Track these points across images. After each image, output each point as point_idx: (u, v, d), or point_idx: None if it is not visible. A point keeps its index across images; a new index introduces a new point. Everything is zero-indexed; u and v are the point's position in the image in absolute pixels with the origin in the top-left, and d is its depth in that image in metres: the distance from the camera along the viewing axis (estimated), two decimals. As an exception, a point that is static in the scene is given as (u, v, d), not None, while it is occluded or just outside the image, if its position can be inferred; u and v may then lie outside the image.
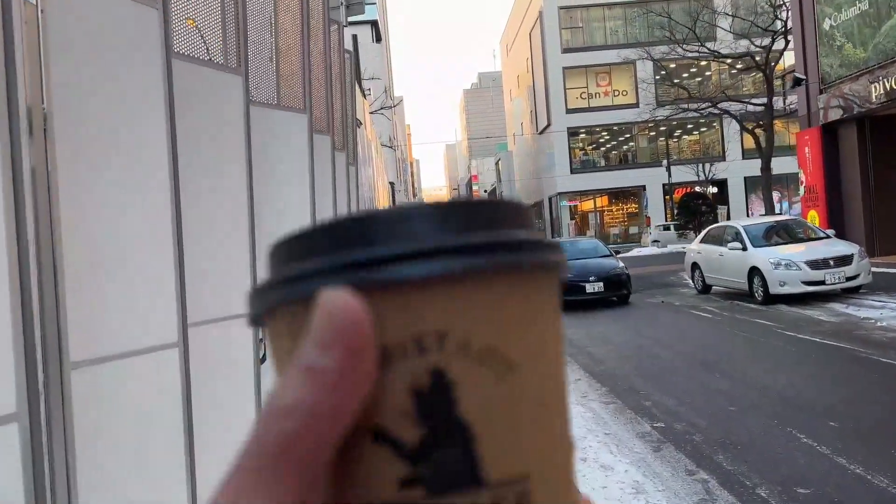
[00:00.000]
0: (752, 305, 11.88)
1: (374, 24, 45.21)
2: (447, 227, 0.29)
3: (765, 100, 28.70)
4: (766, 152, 29.30)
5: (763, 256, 12.15)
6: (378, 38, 50.45)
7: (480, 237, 0.29)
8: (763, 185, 30.02)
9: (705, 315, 11.38)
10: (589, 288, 13.10)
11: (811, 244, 12.32)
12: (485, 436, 0.28)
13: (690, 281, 14.75)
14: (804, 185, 18.46)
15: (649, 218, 41.68)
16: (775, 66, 28.88)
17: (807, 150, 17.93)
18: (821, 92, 17.52)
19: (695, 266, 14.06)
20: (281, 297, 0.29)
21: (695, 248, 14.18)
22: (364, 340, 0.27)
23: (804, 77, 17.55)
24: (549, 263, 0.31)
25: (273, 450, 0.26)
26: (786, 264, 11.79)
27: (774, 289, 11.72)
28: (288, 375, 0.27)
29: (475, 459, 0.28)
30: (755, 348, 8.55)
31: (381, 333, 0.28)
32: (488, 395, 0.28)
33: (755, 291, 12.04)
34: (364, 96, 22.21)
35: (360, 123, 8.88)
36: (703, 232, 14.13)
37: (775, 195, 45.23)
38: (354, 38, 23.78)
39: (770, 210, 30.27)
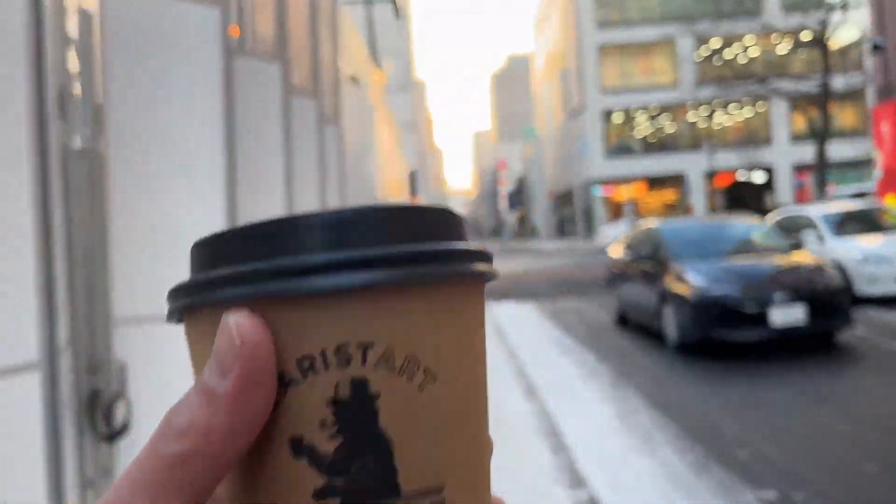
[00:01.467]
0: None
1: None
2: (371, 236, 0.29)
3: (820, 78, 26.25)
4: (820, 136, 26.81)
5: (847, 250, 10.04)
6: (398, 15, 48.40)
7: (404, 247, 0.28)
8: (817, 171, 27.50)
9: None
10: (777, 317, 7.01)
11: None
12: (403, 447, 0.28)
13: None
14: (880, 166, 16.13)
15: (692, 206, 39.15)
16: (831, 39, 26.31)
17: (884, 126, 15.57)
18: (904, 59, 15.15)
19: None
20: (194, 301, 0.30)
21: None
22: (263, 364, 0.27)
23: (884, 42, 15.17)
24: (473, 273, 0.31)
25: (163, 468, 0.27)
26: (875, 259, 9.78)
27: (862, 289, 9.64)
28: (187, 394, 0.28)
29: (393, 471, 0.28)
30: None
31: (300, 344, 0.28)
32: (409, 406, 0.29)
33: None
34: (378, 66, 20.28)
35: (357, 81, 6.75)
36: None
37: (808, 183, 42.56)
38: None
39: (823, 197, 27.72)
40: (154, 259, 2.11)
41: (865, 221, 10.98)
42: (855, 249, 10.09)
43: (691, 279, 7.43)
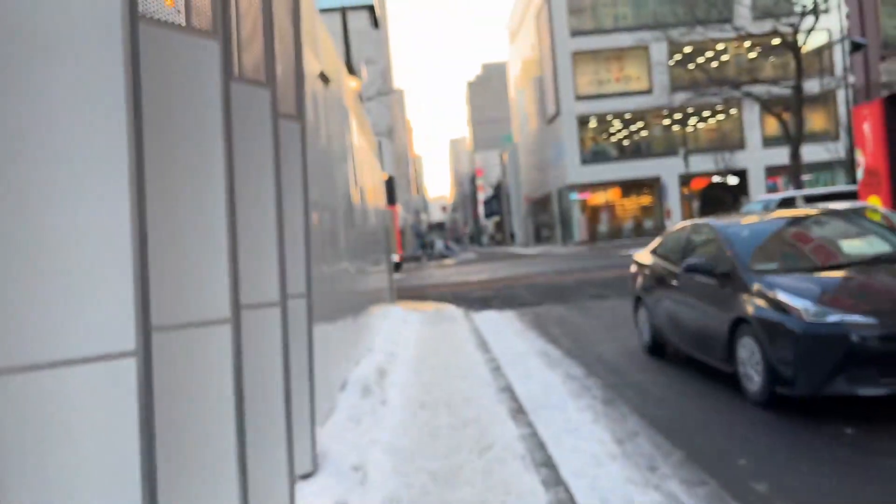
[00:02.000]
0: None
1: (370, 8, 42.88)
2: None
3: (792, 82, 26.43)
4: (794, 138, 26.98)
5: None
6: (376, 25, 48.13)
7: None
8: (792, 174, 27.64)
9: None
10: None
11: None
12: None
13: None
14: (862, 166, 16.04)
15: (670, 210, 39.20)
16: (804, 44, 26.50)
17: (866, 126, 15.49)
18: (882, 59, 15.08)
19: None
20: None
21: None
22: None
23: (865, 41, 15.10)
24: None
25: None
26: None
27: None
28: None
29: None
30: None
31: None
32: None
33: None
34: (354, 73, 19.83)
35: (328, 80, 6.28)
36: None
37: (780, 184, 43.08)
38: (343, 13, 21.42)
39: (801, 200, 27.85)
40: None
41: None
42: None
43: (790, 300, 4.85)
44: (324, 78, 6.36)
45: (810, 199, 15.11)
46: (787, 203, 14.87)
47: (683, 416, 5.09)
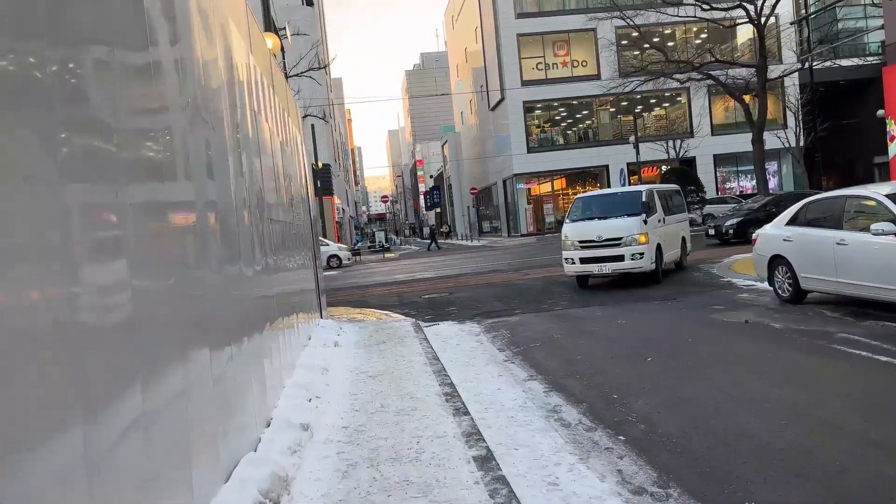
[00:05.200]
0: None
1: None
2: None
3: (759, 60, 24.94)
4: (758, 122, 25.57)
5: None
6: (309, 2, 44.90)
7: None
8: (755, 158, 26.25)
9: (861, 353, 6.10)
10: None
11: None
12: None
13: (766, 282, 9.69)
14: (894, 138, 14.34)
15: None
16: (767, 20, 25.06)
17: (898, 89, 13.73)
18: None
19: (777, 261, 9.08)
20: None
21: (778, 232, 9.17)
22: None
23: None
24: None
25: None
26: None
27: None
28: None
29: None
30: None
31: None
32: None
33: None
34: (276, 31, 17.07)
35: (206, 15, 3.29)
36: (795, 208, 9.15)
37: (720, 177, 42.30)
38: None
39: (764, 189, 26.58)
40: None
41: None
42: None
43: None
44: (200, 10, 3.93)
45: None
46: None
47: None
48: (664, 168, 38.84)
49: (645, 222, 12.40)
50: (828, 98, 35.11)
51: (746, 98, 26.85)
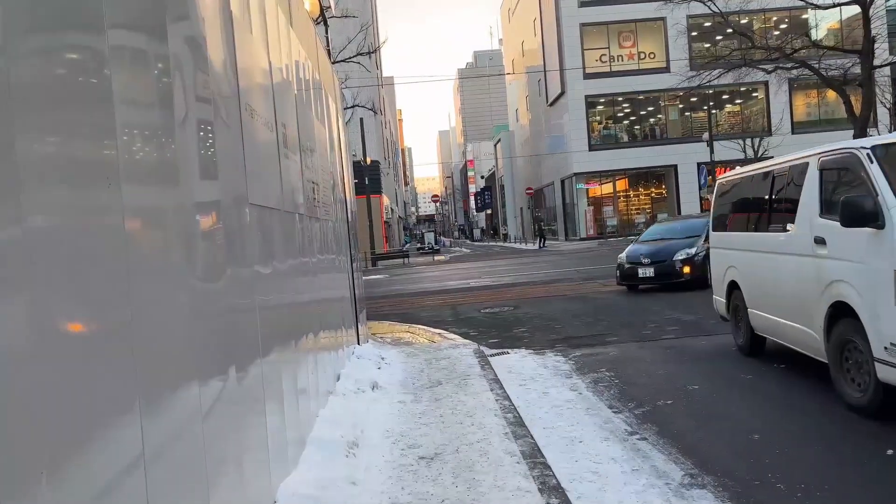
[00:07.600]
0: None
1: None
2: None
3: (865, 47, 21.83)
4: (862, 116, 22.35)
5: None
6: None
7: None
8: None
9: None
10: None
11: None
12: None
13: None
14: None
15: (708, 200, 34.58)
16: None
17: None
18: None
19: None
20: None
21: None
22: None
23: None
24: None
25: None
26: None
27: None
28: None
29: None
30: None
31: None
32: None
33: None
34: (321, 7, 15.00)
35: None
36: None
37: None
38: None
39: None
40: None
41: None
42: None
43: None
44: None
45: None
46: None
47: None
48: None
49: None
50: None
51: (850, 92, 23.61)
